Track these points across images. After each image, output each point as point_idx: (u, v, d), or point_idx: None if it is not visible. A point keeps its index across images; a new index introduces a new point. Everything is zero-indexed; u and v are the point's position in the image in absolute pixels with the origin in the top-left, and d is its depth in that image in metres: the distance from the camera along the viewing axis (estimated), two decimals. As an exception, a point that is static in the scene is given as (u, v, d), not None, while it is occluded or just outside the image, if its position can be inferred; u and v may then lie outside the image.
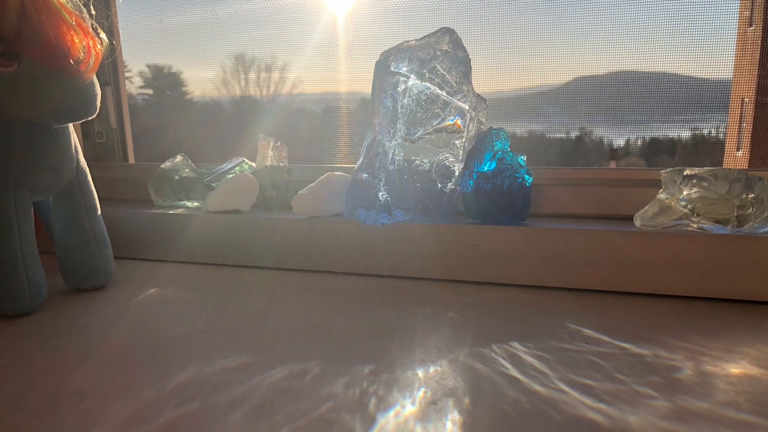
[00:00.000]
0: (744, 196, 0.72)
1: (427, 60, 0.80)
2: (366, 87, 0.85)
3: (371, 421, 0.47)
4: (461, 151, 0.83)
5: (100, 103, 0.74)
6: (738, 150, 0.98)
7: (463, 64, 0.82)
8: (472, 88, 0.83)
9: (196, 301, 0.77)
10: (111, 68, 1.22)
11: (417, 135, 0.81)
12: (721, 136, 1.01)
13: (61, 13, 0.67)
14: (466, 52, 0.82)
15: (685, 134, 1.03)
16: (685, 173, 0.75)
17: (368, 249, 0.86)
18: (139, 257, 1.00)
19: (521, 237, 0.80)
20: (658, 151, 1.07)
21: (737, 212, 0.72)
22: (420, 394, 0.51)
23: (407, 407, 0.49)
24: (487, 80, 1.00)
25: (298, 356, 0.59)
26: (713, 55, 0.93)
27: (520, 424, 0.46)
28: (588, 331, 0.64)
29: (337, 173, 0.91)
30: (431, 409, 0.48)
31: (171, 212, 0.98)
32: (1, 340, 0.65)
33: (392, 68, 0.79)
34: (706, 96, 0.97)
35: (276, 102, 1.26)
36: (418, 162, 0.82)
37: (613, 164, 1.09)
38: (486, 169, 0.81)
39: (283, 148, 1.00)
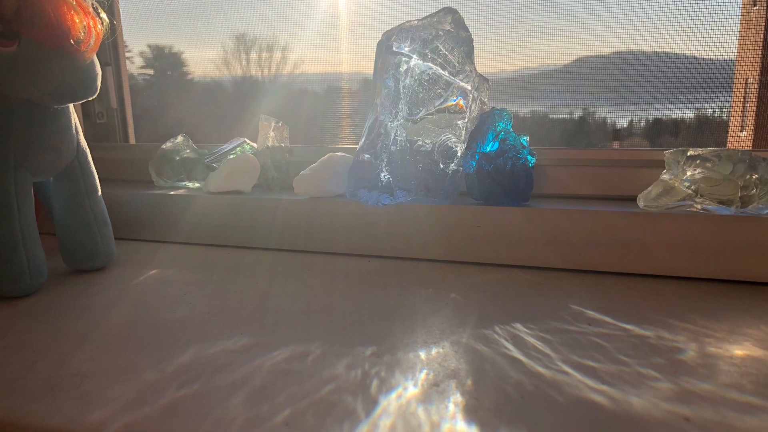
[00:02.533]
0: (748, 176, 0.72)
1: (429, 40, 0.79)
2: (368, 67, 0.85)
3: (373, 402, 0.46)
4: (464, 132, 0.83)
5: (101, 83, 0.74)
6: (742, 130, 0.97)
7: (465, 44, 0.81)
8: (475, 69, 0.82)
9: (197, 283, 0.77)
10: (111, 48, 1.21)
11: (419, 115, 0.81)
12: (724, 116, 1.00)
13: (62, -8, 0.66)
14: (469, 32, 0.81)
15: (689, 114, 1.03)
16: (688, 154, 0.75)
17: (370, 230, 0.86)
18: (140, 238, 0.99)
19: (524, 218, 0.79)
20: (661, 132, 1.06)
21: (741, 193, 0.72)
22: (422, 375, 0.51)
23: (409, 389, 0.48)
24: (489, 60, 0.99)
25: (299, 338, 0.59)
26: (717, 35, 0.93)
27: (523, 405, 0.46)
28: (591, 313, 0.64)
29: (338, 154, 0.91)
30: (433, 391, 0.48)
31: (172, 193, 0.98)
32: (1, 322, 0.65)
33: (394, 48, 0.79)
34: (709, 76, 0.97)
35: (277, 82, 1.26)
36: (420, 142, 0.82)
37: (616, 145, 1.08)
38: (488, 149, 0.81)
39: (284, 128, 0.99)
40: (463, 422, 0.44)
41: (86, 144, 0.81)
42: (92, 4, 0.71)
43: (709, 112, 1.02)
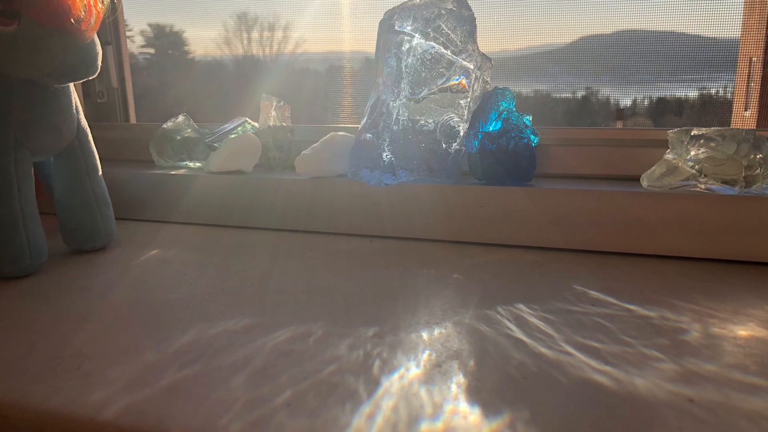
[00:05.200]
0: (752, 156, 0.71)
1: (431, 19, 0.79)
2: (370, 46, 0.85)
3: (375, 383, 0.46)
4: (466, 111, 0.82)
5: (101, 62, 0.74)
6: (746, 110, 0.97)
7: (468, 23, 0.80)
8: (477, 48, 0.82)
9: (198, 263, 0.76)
10: (112, 27, 1.21)
11: (421, 95, 0.80)
12: (728, 95, 1.00)
13: (61, -30, 0.66)
14: (471, 10, 0.81)
15: (693, 94, 1.02)
16: (692, 133, 0.75)
17: (372, 210, 0.86)
18: (141, 218, 0.99)
19: (527, 198, 0.79)
20: (665, 111, 1.06)
21: (745, 173, 0.72)
22: (424, 356, 0.50)
23: (412, 370, 0.48)
24: (492, 39, 0.99)
25: (301, 318, 0.59)
26: (721, 14, 0.92)
27: (526, 386, 0.46)
28: (594, 293, 0.64)
29: (340, 133, 0.91)
30: (436, 372, 0.48)
31: (173, 173, 0.98)
32: (2, 302, 0.64)
33: (396, 27, 0.78)
34: (713, 55, 0.96)
35: (279, 61, 1.25)
36: (422, 122, 0.81)
37: (619, 124, 1.08)
38: (491, 129, 0.81)
39: (286, 108, 0.99)
40: (466, 403, 0.43)
41: (87, 123, 0.81)
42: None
43: (713, 91, 1.01)
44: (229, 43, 1.26)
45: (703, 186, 0.74)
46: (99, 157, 0.82)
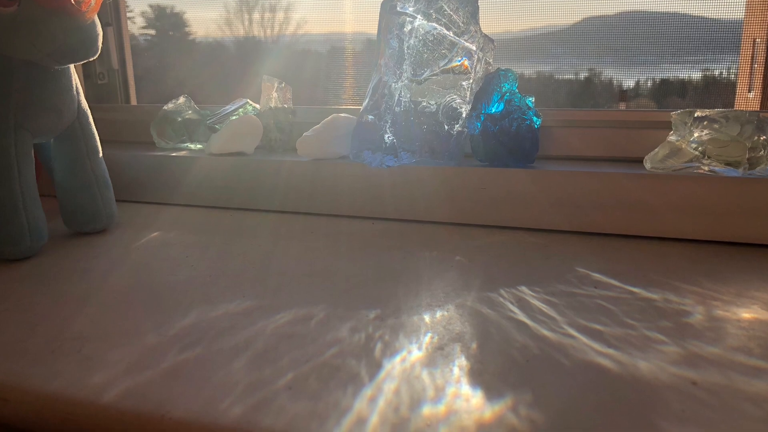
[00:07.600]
0: (756, 138, 0.71)
1: (433, 0, 0.78)
2: (372, 27, 0.84)
3: (377, 366, 0.46)
4: (468, 93, 0.82)
5: (102, 43, 0.73)
6: (749, 91, 0.96)
7: (470, 4, 0.80)
8: (480, 29, 0.81)
9: (199, 245, 0.76)
10: (113, 8, 1.20)
11: (424, 76, 0.80)
12: (732, 77, 0.99)
13: (61, -49, 0.65)
14: (474, -9, 0.80)
15: (696, 75, 1.02)
16: (695, 115, 0.74)
17: (374, 192, 0.85)
18: (142, 200, 0.99)
19: (529, 179, 0.79)
20: (668, 93, 1.06)
21: (749, 154, 0.71)
22: (426, 339, 0.50)
23: (414, 352, 0.48)
24: (494, 20, 0.98)
25: (302, 301, 0.58)
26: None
27: (528, 369, 0.45)
28: (597, 275, 0.64)
29: (342, 115, 0.90)
30: (438, 355, 0.48)
31: (173, 154, 0.97)
32: (2, 285, 0.64)
33: (398, 8, 0.78)
34: (717, 36, 0.96)
35: (280, 42, 1.25)
36: (424, 103, 0.81)
37: (622, 106, 1.07)
38: (494, 110, 0.80)
39: (287, 89, 0.98)
40: (468, 386, 0.43)
41: (87, 105, 0.80)
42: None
43: (717, 72, 1.01)
44: (230, 24, 1.25)
45: (706, 168, 0.74)
46: (99, 139, 0.82)
